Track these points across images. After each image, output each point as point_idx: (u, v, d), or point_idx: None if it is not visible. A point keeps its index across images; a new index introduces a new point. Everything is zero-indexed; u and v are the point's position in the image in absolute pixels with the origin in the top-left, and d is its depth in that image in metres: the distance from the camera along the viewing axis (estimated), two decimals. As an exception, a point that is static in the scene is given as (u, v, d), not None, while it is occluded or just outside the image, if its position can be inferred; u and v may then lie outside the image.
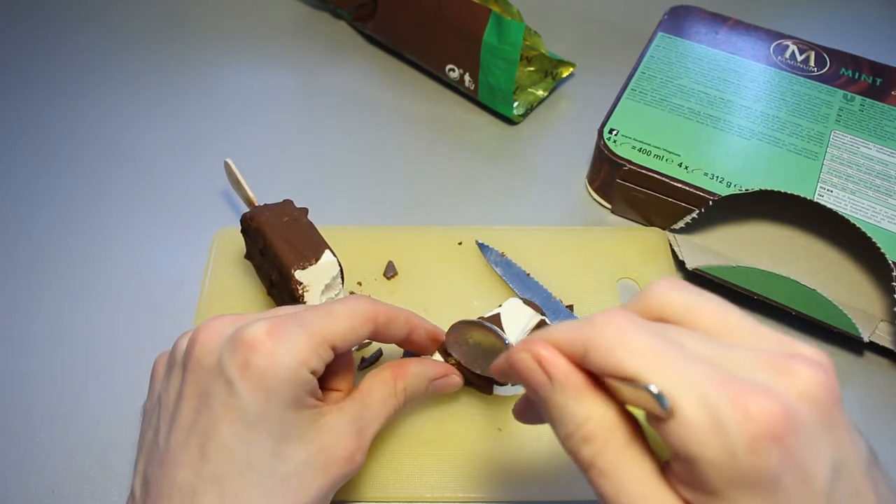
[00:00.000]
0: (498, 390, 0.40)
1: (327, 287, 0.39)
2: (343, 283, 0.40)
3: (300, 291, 0.38)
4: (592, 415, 0.23)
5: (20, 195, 0.51)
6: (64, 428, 0.40)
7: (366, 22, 0.61)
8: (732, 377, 0.21)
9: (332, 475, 0.31)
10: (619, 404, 0.23)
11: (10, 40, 0.62)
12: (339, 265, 0.39)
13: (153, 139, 0.55)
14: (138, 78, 0.60)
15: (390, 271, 0.46)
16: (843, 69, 0.53)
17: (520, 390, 0.40)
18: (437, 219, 0.48)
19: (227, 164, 0.46)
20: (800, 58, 0.54)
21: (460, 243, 0.48)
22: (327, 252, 0.39)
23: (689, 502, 0.22)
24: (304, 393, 0.30)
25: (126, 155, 0.54)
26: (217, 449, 0.28)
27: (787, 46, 0.55)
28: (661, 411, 0.20)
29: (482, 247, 0.47)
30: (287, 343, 0.29)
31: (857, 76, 0.53)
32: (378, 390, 0.35)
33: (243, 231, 0.42)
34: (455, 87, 0.58)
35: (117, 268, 0.47)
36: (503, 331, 0.35)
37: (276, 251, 0.38)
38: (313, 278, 0.38)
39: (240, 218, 0.42)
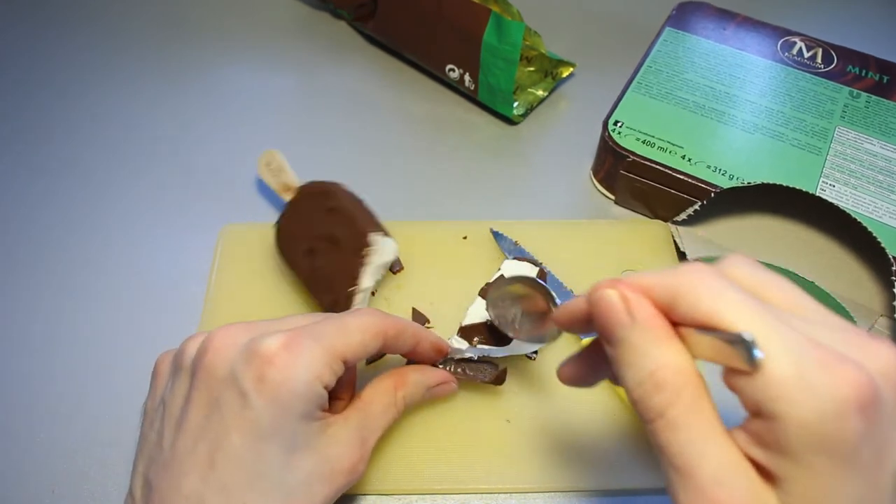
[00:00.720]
0: (514, 349, 0.40)
1: (380, 266, 0.41)
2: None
3: (366, 253, 0.39)
4: (669, 362, 0.22)
5: (20, 195, 0.51)
6: (64, 428, 0.40)
7: (366, 22, 0.61)
8: (822, 343, 0.20)
9: (336, 485, 0.31)
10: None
11: (10, 40, 0.62)
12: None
13: (153, 139, 0.55)
14: (138, 78, 0.59)
15: (396, 266, 0.46)
16: (850, 66, 0.53)
17: (523, 350, 0.40)
18: (439, 217, 0.48)
19: (269, 154, 0.47)
20: (807, 54, 0.54)
21: (465, 237, 0.48)
22: (391, 238, 0.42)
23: (759, 464, 0.21)
24: (315, 406, 0.30)
25: (126, 155, 0.54)
26: (227, 458, 0.28)
27: (795, 43, 0.55)
28: (747, 365, 0.20)
29: (496, 235, 0.48)
30: (302, 357, 0.29)
31: (863, 73, 0.53)
32: (379, 399, 0.35)
33: (294, 199, 0.43)
34: (455, 87, 0.58)
35: (118, 267, 0.47)
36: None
37: (352, 212, 0.41)
38: (378, 249, 0.40)
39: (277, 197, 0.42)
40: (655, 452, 0.23)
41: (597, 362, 0.29)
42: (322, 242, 0.41)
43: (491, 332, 0.39)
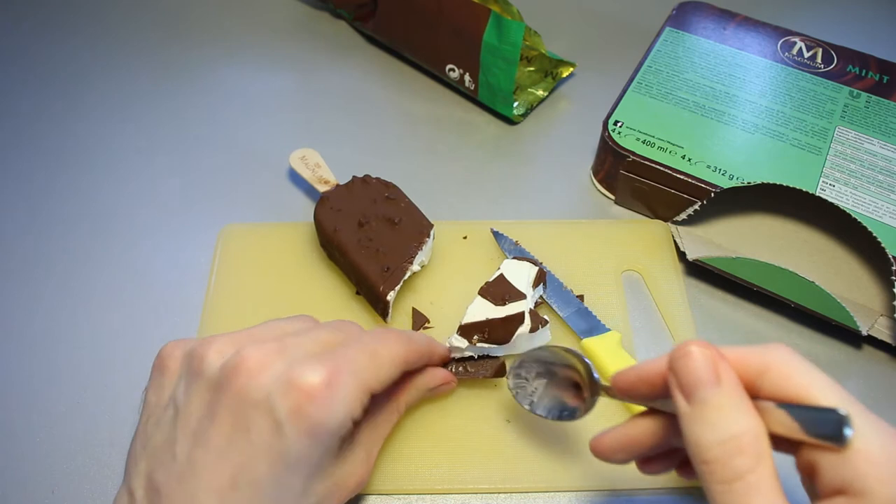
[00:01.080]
0: (514, 348, 0.40)
1: (423, 258, 0.45)
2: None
3: (422, 241, 0.43)
4: (752, 428, 0.24)
5: (20, 195, 0.51)
6: (64, 428, 0.40)
7: (366, 22, 0.61)
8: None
9: (342, 499, 0.33)
10: None
11: (10, 40, 0.62)
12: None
13: (153, 139, 0.55)
14: (138, 78, 0.59)
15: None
16: (851, 66, 0.53)
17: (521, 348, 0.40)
18: (438, 217, 0.48)
19: (305, 150, 0.50)
20: (807, 54, 0.54)
21: (465, 237, 0.48)
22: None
23: None
24: (342, 440, 0.31)
25: (126, 154, 0.54)
26: (250, 482, 0.28)
27: (795, 43, 0.55)
28: (834, 441, 0.22)
29: (497, 235, 0.48)
30: (341, 395, 0.29)
31: (863, 73, 0.53)
32: (382, 409, 0.36)
33: (347, 183, 0.47)
34: (455, 87, 0.58)
35: (118, 267, 0.47)
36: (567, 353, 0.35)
37: (413, 205, 0.45)
38: (429, 244, 0.45)
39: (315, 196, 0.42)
40: None
41: (641, 436, 0.29)
42: (377, 220, 0.44)
43: (491, 331, 0.39)
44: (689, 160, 0.47)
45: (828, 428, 0.22)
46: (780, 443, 0.25)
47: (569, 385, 0.35)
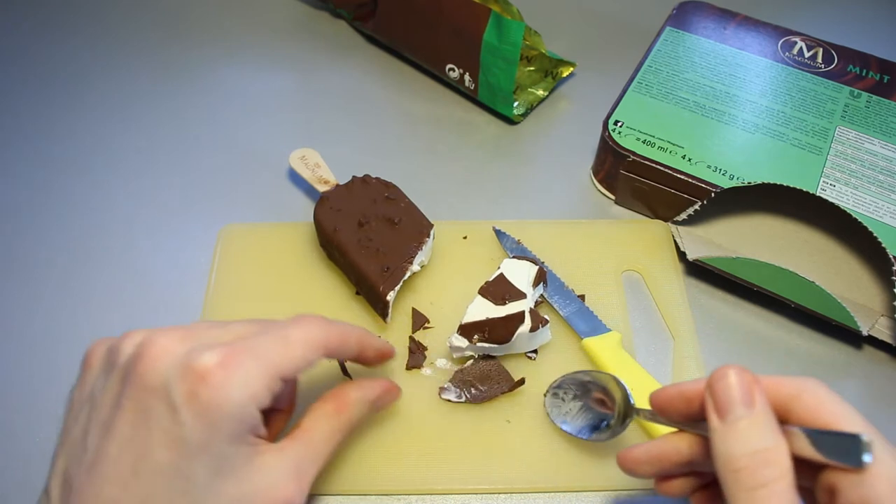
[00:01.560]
0: (514, 348, 0.41)
1: (423, 259, 0.45)
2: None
3: (422, 241, 0.44)
4: (780, 445, 0.26)
5: (20, 194, 0.51)
6: (64, 428, 0.40)
7: (366, 22, 0.61)
8: None
9: None
10: None
11: (10, 40, 0.62)
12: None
13: (153, 139, 0.55)
14: (138, 78, 0.59)
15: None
16: (851, 66, 0.53)
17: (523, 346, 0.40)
18: (438, 217, 0.48)
19: (305, 150, 0.50)
20: (807, 54, 0.54)
21: (465, 237, 0.48)
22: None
23: None
24: (246, 429, 0.29)
25: (126, 154, 0.54)
26: (150, 470, 0.28)
27: (796, 43, 0.55)
28: (854, 464, 0.24)
29: (499, 233, 0.48)
30: (238, 377, 0.28)
31: (864, 73, 0.53)
32: (321, 427, 0.33)
33: (347, 183, 0.47)
34: (455, 87, 0.58)
35: (118, 267, 0.47)
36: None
37: (413, 205, 0.46)
38: (429, 244, 0.45)
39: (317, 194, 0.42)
40: None
41: (671, 451, 0.31)
42: (377, 220, 0.44)
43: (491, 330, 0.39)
44: (690, 160, 0.47)
45: (849, 451, 0.24)
46: (800, 473, 0.27)
47: (601, 407, 0.37)
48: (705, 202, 0.45)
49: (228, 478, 0.29)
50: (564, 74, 0.58)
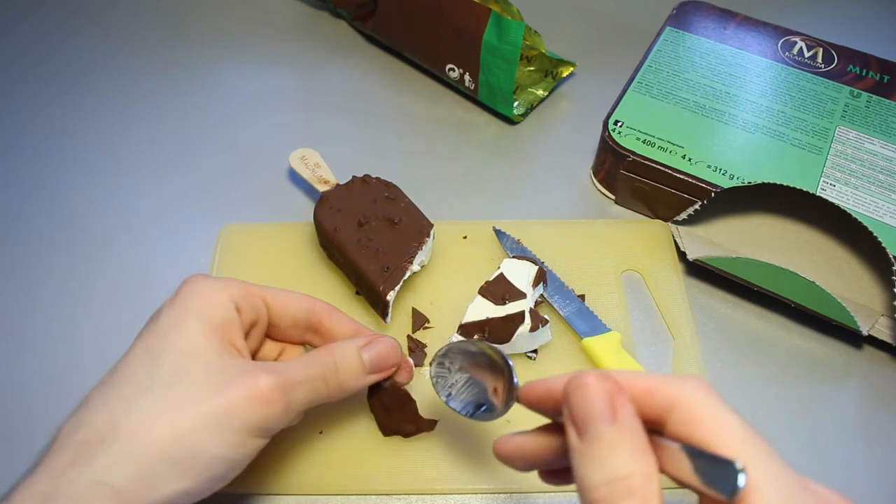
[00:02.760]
0: (514, 347, 0.40)
1: (423, 258, 0.45)
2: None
3: (422, 241, 0.44)
4: (644, 470, 0.22)
5: (20, 194, 0.51)
6: (64, 428, 0.40)
7: (366, 22, 0.61)
8: (810, 485, 0.22)
9: (223, 441, 0.29)
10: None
11: (10, 40, 0.62)
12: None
13: (153, 139, 0.55)
14: (138, 77, 0.59)
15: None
16: (851, 66, 0.53)
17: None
18: (438, 217, 0.48)
19: (305, 150, 0.50)
20: (807, 54, 0.54)
21: (465, 237, 0.48)
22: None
23: None
24: (222, 323, 0.32)
25: (126, 154, 0.54)
26: (124, 361, 0.32)
27: (796, 43, 0.55)
28: (723, 493, 0.21)
29: (499, 233, 0.48)
30: (218, 281, 0.33)
31: (864, 73, 0.53)
32: (304, 358, 0.33)
33: (347, 183, 0.47)
34: (455, 87, 0.58)
35: (117, 267, 0.47)
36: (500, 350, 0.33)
37: (413, 205, 0.46)
38: (429, 244, 0.45)
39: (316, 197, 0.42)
40: None
41: (542, 450, 0.28)
42: (377, 220, 0.45)
43: (491, 330, 0.39)
44: (690, 160, 0.47)
45: (722, 479, 0.21)
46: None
47: (488, 384, 0.33)
48: (705, 202, 0.45)
49: (194, 360, 0.31)
50: (564, 74, 0.58)
